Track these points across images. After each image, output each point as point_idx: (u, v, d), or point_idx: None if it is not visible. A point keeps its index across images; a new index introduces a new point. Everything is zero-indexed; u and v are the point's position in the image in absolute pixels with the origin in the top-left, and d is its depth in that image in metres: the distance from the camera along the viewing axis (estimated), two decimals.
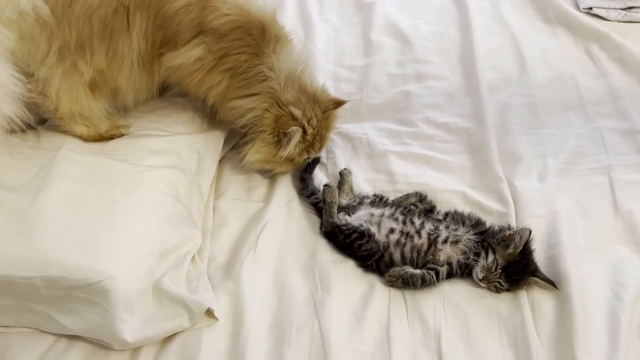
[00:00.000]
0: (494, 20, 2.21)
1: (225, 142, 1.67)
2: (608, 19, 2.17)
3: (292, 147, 1.49)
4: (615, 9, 2.17)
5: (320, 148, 1.59)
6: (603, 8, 2.18)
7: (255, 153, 1.51)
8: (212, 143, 1.59)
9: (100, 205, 1.28)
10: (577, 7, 2.24)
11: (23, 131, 1.47)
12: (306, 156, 1.57)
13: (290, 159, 1.54)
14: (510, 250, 1.33)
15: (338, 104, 1.59)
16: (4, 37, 1.26)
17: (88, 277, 1.17)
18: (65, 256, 1.18)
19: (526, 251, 1.34)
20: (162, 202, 1.36)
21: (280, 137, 1.47)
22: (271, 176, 1.62)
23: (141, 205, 1.32)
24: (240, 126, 1.54)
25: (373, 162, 1.68)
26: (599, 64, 1.99)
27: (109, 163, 1.38)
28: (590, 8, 2.20)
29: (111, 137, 1.48)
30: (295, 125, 1.46)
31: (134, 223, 1.28)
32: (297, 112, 1.48)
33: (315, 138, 1.54)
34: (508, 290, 1.34)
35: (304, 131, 1.50)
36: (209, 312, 1.29)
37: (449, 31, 2.16)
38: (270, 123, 1.48)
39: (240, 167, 1.57)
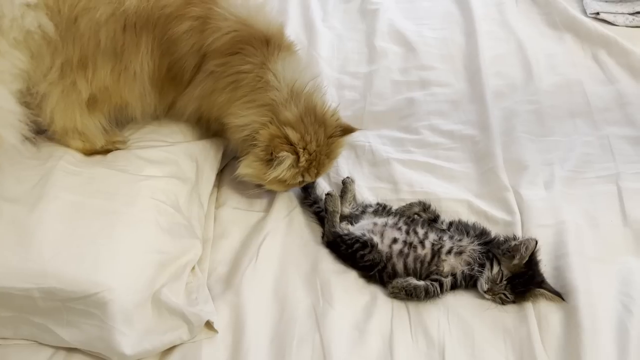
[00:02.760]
0: (499, 26, 2.18)
1: (228, 151, 1.65)
2: (615, 24, 2.14)
3: (281, 171, 1.39)
4: (622, 13, 2.14)
5: (317, 174, 1.47)
6: (610, 13, 2.15)
7: (246, 167, 1.43)
8: (211, 151, 1.57)
9: (99, 216, 1.26)
10: (584, 12, 2.21)
11: (23, 141, 1.47)
12: (300, 179, 1.46)
13: (282, 181, 1.45)
14: (515, 261, 1.30)
15: (346, 131, 1.48)
16: (16, 59, 1.26)
17: (85, 289, 1.16)
18: (63, 267, 1.17)
19: (532, 262, 1.31)
20: (161, 212, 1.35)
21: (272, 157, 1.38)
22: (255, 195, 1.55)
23: (140, 216, 1.30)
24: (241, 141, 1.46)
25: (376, 170, 1.66)
26: (607, 69, 1.96)
27: (109, 173, 1.37)
28: (598, 13, 2.17)
29: (107, 151, 1.47)
30: (287, 151, 1.37)
31: (133, 234, 1.27)
32: (294, 136, 1.38)
33: (312, 164, 1.44)
34: (514, 302, 1.31)
35: (298, 157, 1.40)
36: (209, 324, 1.27)
37: (454, 37, 2.14)
38: (265, 140, 1.38)
39: (232, 177, 1.52)
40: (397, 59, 2.05)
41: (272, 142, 1.38)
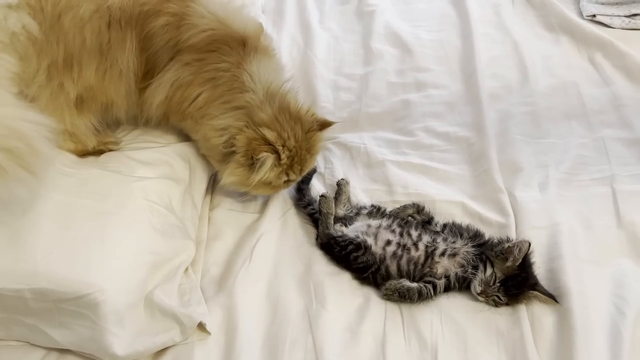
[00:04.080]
0: (495, 28, 2.18)
1: None
2: (612, 26, 2.13)
3: (264, 173, 1.38)
4: (619, 16, 2.14)
5: (301, 171, 1.45)
6: (607, 15, 2.14)
7: (229, 175, 1.41)
8: None
9: (92, 217, 1.26)
10: (581, 14, 2.20)
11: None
12: (285, 179, 1.44)
13: (267, 183, 1.43)
14: (509, 264, 1.30)
15: (324, 125, 1.47)
16: (7, 62, 1.25)
17: (77, 290, 1.15)
18: (55, 268, 1.17)
19: (525, 264, 1.31)
20: (154, 213, 1.34)
21: (253, 161, 1.37)
22: (248, 199, 1.54)
23: (133, 217, 1.30)
24: (220, 147, 1.42)
25: (371, 171, 1.65)
26: (602, 72, 1.95)
27: (101, 175, 1.36)
28: (594, 15, 2.16)
29: (100, 152, 1.46)
30: (266, 151, 1.35)
31: (125, 235, 1.26)
32: (271, 135, 1.37)
33: (294, 160, 1.42)
34: (507, 304, 1.31)
35: (278, 155, 1.39)
36: (201, 326, 1.27)
37: (450, 39, 2.13)
38: (243, 145, 1.37)
39: (219, 187, 1.51)
40: (393, 60, 2.04)
41: (250, 145, 1.36)
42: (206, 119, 1.41)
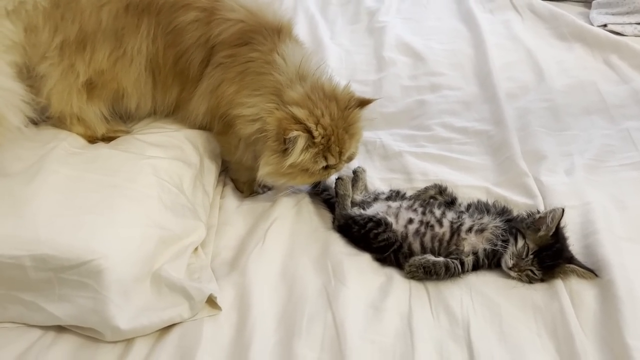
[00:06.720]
0: (507, 39, 2.18)
1: None
2: (624, 34, 2.13)
3: (297, 155, 1.27)
4: (630, 23, 2.14)
5: (340, 153, 1.32)
6: (618, 24, 2.15)
7: (265, 164, 1.31)
8: (212, 143, 1.50)
9: (100, 189, 1.21)
10: (591, 25, 2.21)
11: (26, 124, 1.43)
12: (324, 163, 1.32)
13: (303, 169, 1.32)
14: (542, 233, 1.21)
15: (362, 103, 1.36)
16: (6, 29, 1.23)
17: (80, 256, 1.08)
18: (57, 234, 1.10)
19: (559, 235, 1.22)
20: (165, 190, 1.28)
21: (286, 144, 1.27)
22: (291, 192, 1.46)
23: (142, 191, 1.24)
24: (254, 139, 1.36)
25: (388, 162, 1.60)
26: (620, 71, 1.93)
27: (111, 153, 1.33)
28: (605, 25, 2.17)
29: (110, 139, 1.43)
30: (297, 130, 1.25)
31: (133, 206, 1.20)
32: (301, 113, 1.27)
33: (331, 140, 1.30)
34: (542, 280, 1.21)
35: (311, 134, 1.28)
36: (212, 302, 1.17)
37: (463, 49, 2.13)
38: (274, 128, 1.28)
39: (258, 182, 1.44)
40: (405, 67, 2.03)
41: (280, 125, 1.27)
42: (238, 109, 1.34)
